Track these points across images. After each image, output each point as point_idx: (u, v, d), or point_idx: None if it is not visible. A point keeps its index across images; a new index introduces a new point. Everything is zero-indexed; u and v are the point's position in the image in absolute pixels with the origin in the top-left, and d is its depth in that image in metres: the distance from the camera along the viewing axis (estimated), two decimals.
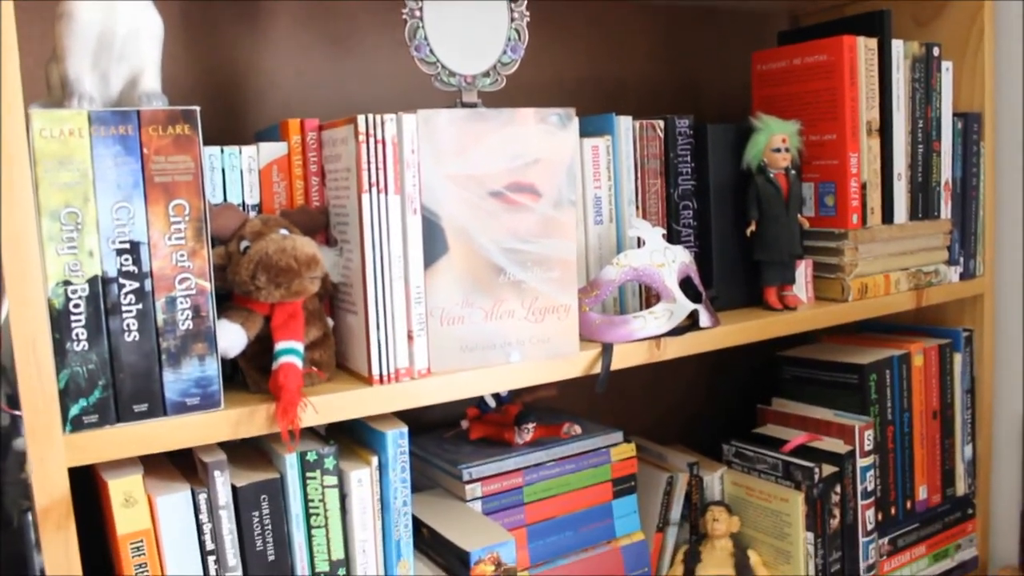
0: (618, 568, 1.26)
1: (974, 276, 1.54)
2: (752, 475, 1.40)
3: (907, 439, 1.49)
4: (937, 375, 1.53)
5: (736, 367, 1.71)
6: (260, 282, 0.90)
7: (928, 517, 1.53)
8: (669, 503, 1.37)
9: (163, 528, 0.88)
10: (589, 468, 1.24)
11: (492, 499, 1.17)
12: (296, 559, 0.94)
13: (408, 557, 0.99)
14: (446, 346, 0.99)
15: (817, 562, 1.35)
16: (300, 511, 0.94)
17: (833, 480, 1.35)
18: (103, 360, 0.84)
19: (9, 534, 1.01)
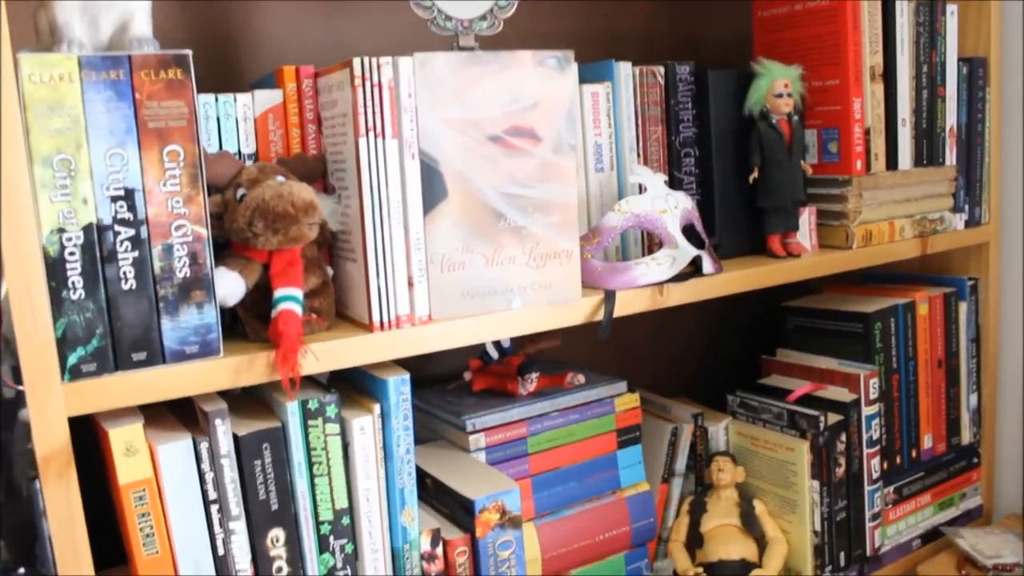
0: (623, 518, 1.26)
1: (979, 224, 1.53)
2: (757, 425, 1.40)
3: (912, 388, 1.48)
4: (942, 324, 1.52)
5: (739, 319, 1.70)
6: (257, 228, 0.89)
7: (933, 466, 1.53)
8: (674, 454, 1.37)
9: (165, 477, 0.88)
10: (593, 418, 1.24)
11: (496, 449, 1.16)
12: (299, 508, 0.94)
13: (412, 506, 0.98)
14: (447, 293, 0.98)
15: (823, 511, 1.34)
16: (302, 460, 0.93)
17: (838, 429, 1.35)
18: (100, 308, 0.83)
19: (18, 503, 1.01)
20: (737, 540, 1.33)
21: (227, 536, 0.91)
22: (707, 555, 1.32)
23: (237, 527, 0.91)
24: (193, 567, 0.90)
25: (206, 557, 0.90)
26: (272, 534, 0.93)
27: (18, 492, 1.01)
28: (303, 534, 0.94)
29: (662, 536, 1.38)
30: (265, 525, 0.92)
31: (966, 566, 1.45)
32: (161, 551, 0.88)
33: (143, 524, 0.87)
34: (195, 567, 0.90)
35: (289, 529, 0.94)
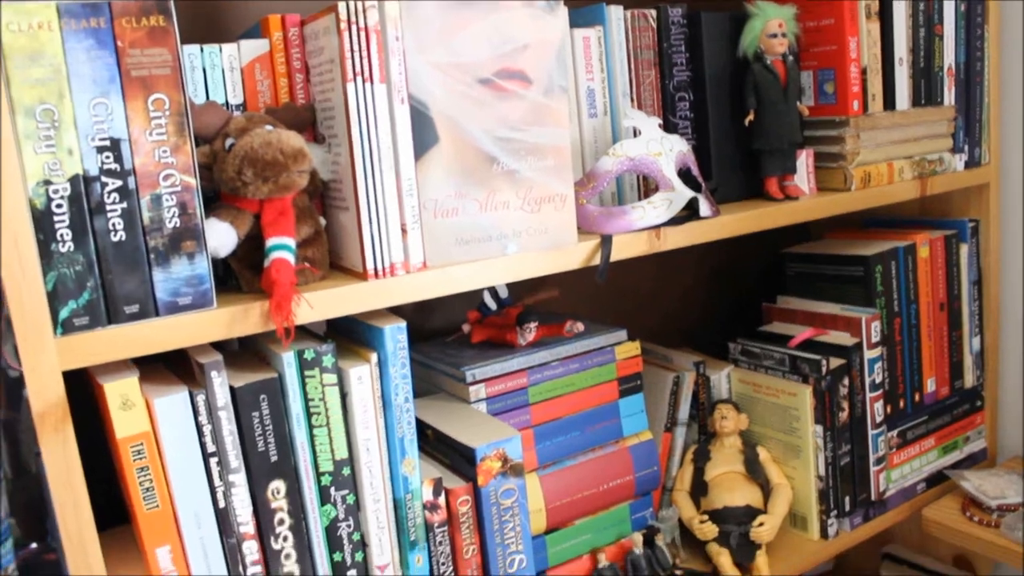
0: (627, 468, 1.26)
1: (979, 165, 1.51)
2: (759, 372, 1.39)
3: (914, 331, 1.47)
4: (943, 266, 1.51)
5: (739, 267, 1.69)
6: (247, 177, 0.88)
7: (937, 409, 1.52)
8: (676, 403, 1.36)
9: (162, 431, 0.87)
10: (594, 367, 1.23)
11: (496, 400, 1.15)
12: (299, 459, 0.93)
13: (413, 455, 0.98)
14: (441, 239, 0.97)
15: (827, 455, 1.34)
16: (300, 411, 0.93)
17: (841, 373, 1.34)
18: (90, 261, 0.82)
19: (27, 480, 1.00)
20: (742, 487, 1.33)
21: (227, 489, 0.90)
22: (712, 502, 1.32)
23: (237, 480, 0.91)
24: (194, 520, 0.89)
25: (207, 510, 0.90)
26: (273, 486, 0.92)
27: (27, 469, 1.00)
28: (304, 486, 0.94)
29: (666, 486, 1.38)
30: (265, 477, 0.92)
31: (971, 508, 1.45)
32: (162, 505, 0.88)
33: (142, 478, 0.87)
34: (196, 520, 0.89)
35: (290, 481, 0.93)
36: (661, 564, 1.27)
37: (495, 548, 1.03)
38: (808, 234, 1.76)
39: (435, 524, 1.01)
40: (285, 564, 0.94)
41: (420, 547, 1.00)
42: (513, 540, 1.04)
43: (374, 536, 0.97)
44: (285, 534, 0.94)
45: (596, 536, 1.25)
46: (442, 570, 1.02)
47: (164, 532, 0.88)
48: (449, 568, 1.02)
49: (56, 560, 0.96)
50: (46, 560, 1.01)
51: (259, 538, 0.93)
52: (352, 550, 0.97)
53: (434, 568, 1.02)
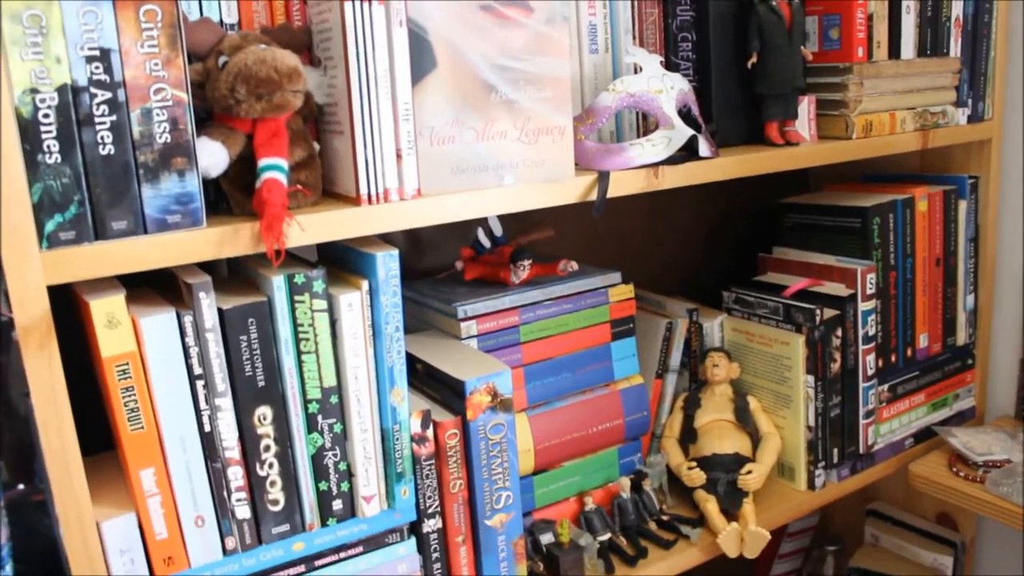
0: (617, 411, 1.25)
1: (982, 119, 1.49)
2: (752, 320, 1.38)
3: (909, 286, 1.47)
4: (941, 222, 1.50)
5: (736, 218, 1.68)
6: (240, 95, 0.86)
7: (928, 366, 1.52)
8: (668, 349, 1.36)
9: (148, 351, 0.85)
10: (587, 308, 1.22)
11: (488, 337, 1.14)
12: (287, 385, 0.92)
13: (402, 385, 0.96)
14: (436, 167, 0.95)
15: (817, 406, 1.33)
16: (289, 336, 0.91)
17: (834, 324, 1.33)
18: (77, 174, 0.80)
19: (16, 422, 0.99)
20: (731, 435, 1.32)
21: (213, 413, 0.89)
22: (701, 450, 1.32)
23: (223, 403, 0.89)
24: (179, 443, 0.88)
25: (192, 433, 0.89)
26: (259, 412, 0.91)
27: (15, 411, 0.99)
28: (291, 412, 0.93)
29: (655, 432, 1.37)
30: (252, 402, 0.91)
31: (957, 463, 1.45)
32: (146, 426, 0.87)
33: (127, 398, 0.85)
34: (181, 443, 0.88)
35: (276, 407, 0.92)
36: (648, 509, 1.27)
37: (482, 483, 1.03)
38: (807, 187, 1.74)
39: (422, 457, 1.00)
40: (270, 491, 0.93)
41: (407, 479, 0.99)
42: (501, 476, 1.04)
43: (361, 466, 0.96)
44: (271, 461, 0.93)
45: (584, 479, 1.25)
46: (428, 503, 1.01)
47: (148, 454, 0.87)
48: (436, 502, 1.02)
49: (43, 500, 0.95)
50: (33, 500, 1.01)
51: (244, 464, 0.92)
52: (338, 480, 0.96)
53: (421, 501, 1.01)
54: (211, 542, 0.92)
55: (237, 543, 0.93)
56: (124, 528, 0.88)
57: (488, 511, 1.04)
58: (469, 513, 1.04)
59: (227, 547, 0.92)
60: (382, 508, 0.99)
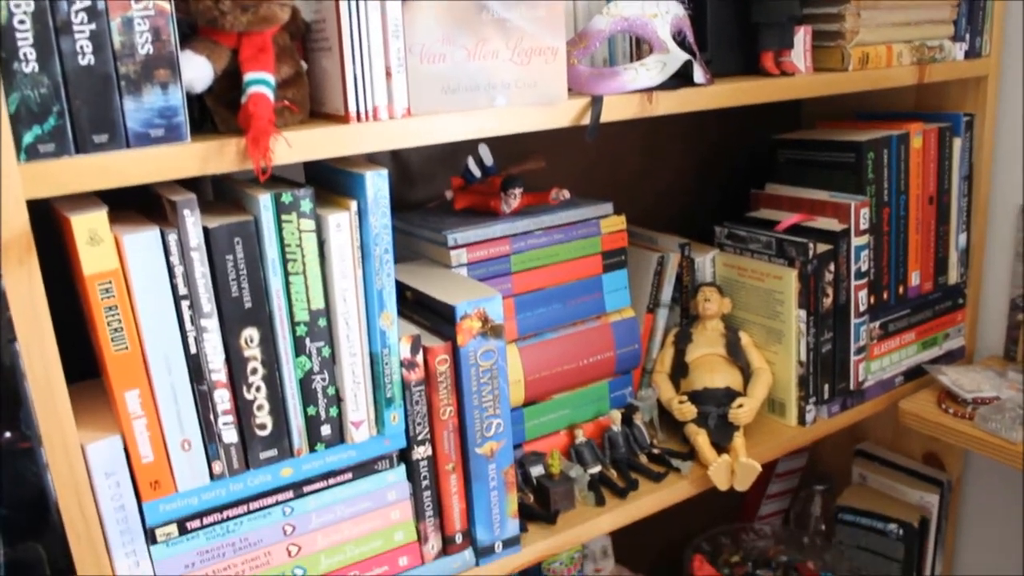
0: (608, 344, 1.24)
1: (979, 55, 1.47)
2: (744, 256, 1.37)
3: (902, 223, 1.45)
4: (935, 159, 1.48)
5: (730, 154, 1.66)
6: (225, 6, 0.83)
7: (919, 304, 1.51)
8: (660, 283, 1.34)
9: (132, 269, 0.84)
10: (578, 239, 1.20)
11: (478, 266, 1.13)
12: (274, 307, 0.90)
13: (391, 309, 0.95)
14: (427, 86, 0.92)
15: (809, 341, 1.33)
16: (276, 256, 0.89)
17: (827, 258, 1.32)
18: (56, 84, 0.77)
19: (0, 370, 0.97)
20: (722, 369, 1.32)
21: (199, 334, 0.88)
22: (692, 384, 1.31)
23: (209, 325, 0.88)
24: (164, 364, 0.87)
25: (177, 355, 0.87)
26: (246, 334, 0.90)
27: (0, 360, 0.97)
28: (278, 335, 0.91)
29: (646, 367, 1.36)
30: (238, 324, 0.89)
31: (946, 401, 1.45)
32: (131, 347, 0.85)
33: (110, 318, 0.84)
34: (166, 365, 0.87)
35: (264, 329, 0.90)
36: (639, 443, 1.27)
37: (472, 411, 1.02)
38: (799, 125, 1.73)
39: (412, 383, 0.98)
40: (257, 415, 0.92)
41: (396, 405, 0.98)
42: (491, 404, 1.03)
43: (349, 391, 0.95)
44: (258, 384, 0.91)
45: (574, 412, 1.24)
46: (418, 430, 1.00)
47: (133, 375, 0.86)
48: (425, 428, 1.01)
49: (30, 448, 0.94)
50: (20, 448, 0.99)
51: (231, 387, 0.90)
52: (326, 404, 0.95)
53: (410, 427, 1.00)
54: (198, 466, 0.90)
55: (224, 467, 0.92)
56: (109, 451, 0.86)
57: (478, 439, 1.03)
58: (459, 441, 1.03)
59: (214, 471, 0.91)
60: (371, 434, 0.98)
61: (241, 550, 0.94)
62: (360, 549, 1.01)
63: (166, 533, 0.90)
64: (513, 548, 1.09)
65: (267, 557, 0.96)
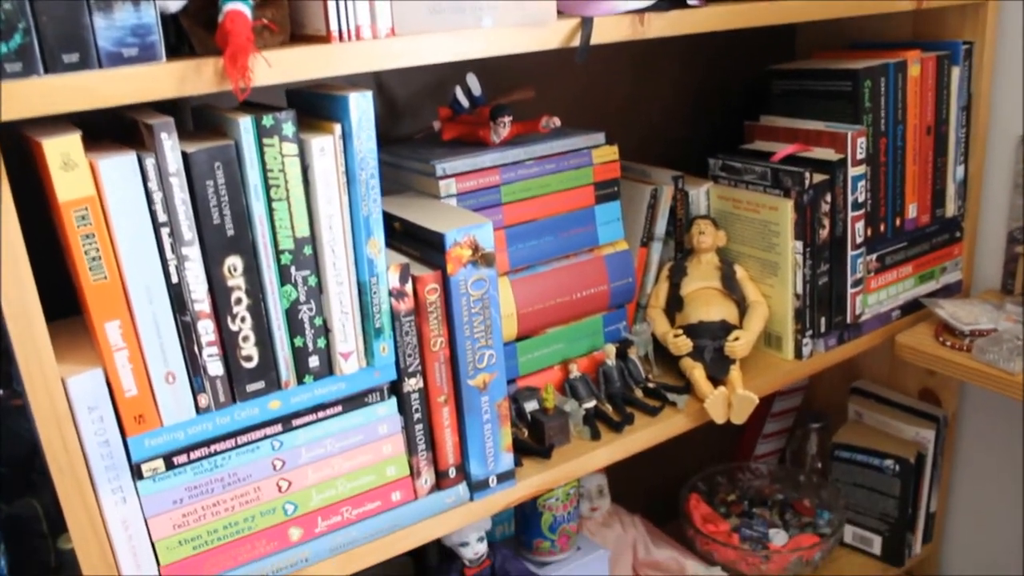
0: (601, 277, 1.22)
1: None
2: (739, 187, 1.35)
3: (900, 154, 1.43)
4: (933, 88, 1.45)
5: (724, 85, 1.63)
6: None
7: (916, 237, 1.49)
8: (653, 217, 1.32)
9: (108, 196, 0.81)
10: (570, 170, 1.17)
11: (468, 197, 1.10)
12: (257, 234, 0.87)
13: (378, 237, 0.92)
14: (411, 5, 0.89)
15: (805, 273, 1.30)
16: (259, 182, 0.86)
17: (824, 188, 1.30)
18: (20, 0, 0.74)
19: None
20: (718, 302, 1.30)
21: (180, 263, 0.85)
22: (687, 317, 1.29)
23: (191, 253, 0.85)
24: (145, 294, 0.84)
25: (159, 284, 0.84)
26: (229, 262, 0.87)
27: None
28: (262, 264, 0.88)
29: (640, 302, 1.34)
30: (221, 252, 0.86)
31: (944, 333, 1.43)
32: (109, 276, 0.82)
33: (88, 246, 0.81)
34: (147, 295, 0.84)
35: (247, 258, 0.88)
36: (634, 377, 1.25)
37: (464, 341, 0.99)
38: (795, 55, 1.69)
39: (401, 313, 0.96)
40: (243, 347, 0.90)
41: (386, 336, 0.96)
42: (483, 334, 1.00)
43: (337, 321, 0.93)
44: (243, 315, 0.89)
45: (568, 347, 1.23)
46: (408, 362, 0.98)
47: (113, 305, 0.83)
48: (416, 360, 0.99)
49: (23, 405, 0.91)
50: (12, 405, 0.97)
51: (215, 318, 0.88)
52: (314, 335, 0.93)
53: (400, 360, 0.98)
54: (183, 400, 0.88)
55: (210, 401, 0.89)
56: (91, 384, 0.84)
57: (471, 370, 1.01)
58: (451, 372, 1.01)
59: (200, 405, 0.89)
60: (360, 366, 0.96)
61: (230, 485, 0.93)
62: (352, 484, 0.99)
63: (152, 468, 0.88)
64: (508, 483, 1.08)
65: (257, 493, 0.94)
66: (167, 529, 0.91)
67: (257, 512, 0.95)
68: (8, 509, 1.02)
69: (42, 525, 1.04)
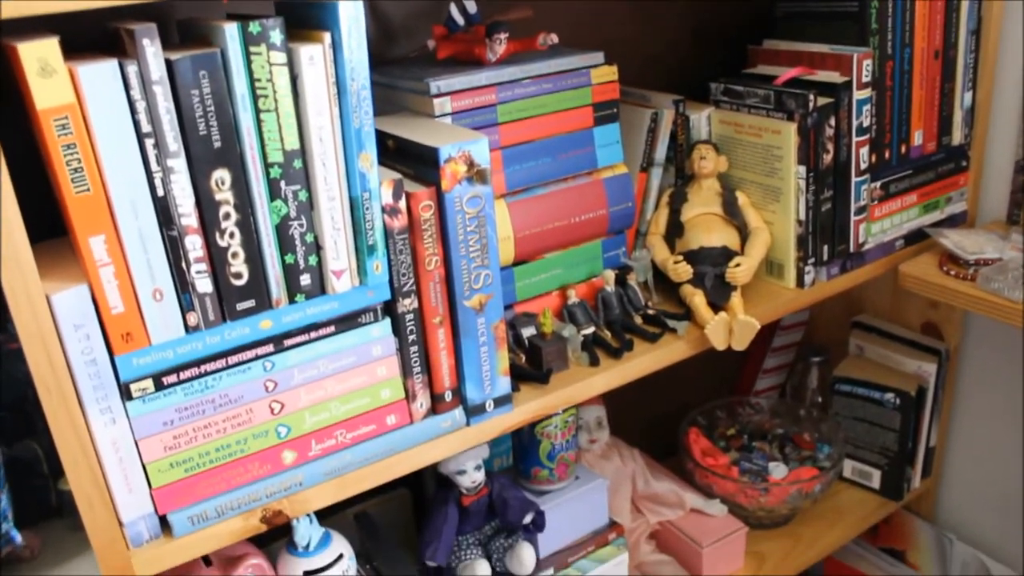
0: (600, 201, 1.19)
1: None
2: (742, 112, 1.31)
3: (906, 78, 1.39)
4: (942, 10, 1.41)
5: (725, 11, 1.58)
6: None
7: (922, 165, 1.46)
8: (653, 142, 1.29)
9: (89, 103, 0.78)
10: (568, 90, 1.14)
11: (463, 116, 1.07)
12: (245, 147, 0.85)
13: (370, 150, 0.89)
14: None
15: (808, 198, 1.28)
16: (246, 92, 0.83)
17: (828, 111, 1.26)
18: None
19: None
20: (719, 228, 1.27)
21: (166, 175, 0.82)
22: (687, 244, 1.27)
23: (176, 165, 0.82)
24: (130, 208, 0.81)
25: (144, 197, 0.82)
26: (216, 175, 0.84)
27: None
28: (251, 177, 0.86)
29: (640, 229, 1.32)
30: (208, 164, 0.83)
31: (948, 263, 1.41)
32: (93, 189, 0.79)
33: (69, 157, 0.78)
34: (132, 208, 0.81)
35: (235, 171, 0.85)
36: (633, 304, 1.23)
37: (459, 260, 0.97)
38: None
39: (395, 230, 0.94)
40: (232, 263, 0.87)
41: (379, 253, 0.93)
42: (479, 254, 0.98)
43: (329, 238, 0.90)
44: (232, 230, 0.86)
45: (566, 272, 1.20)
46: (403, 281, 0.96)
47: (97, 219, 0.80)
48: (410, 279, 0.96)
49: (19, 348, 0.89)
50: (10, 348, 0.95)
51: (203, 233, 0.85)
52: (305, 252, 0.90)
53: (395, 279, 0.95)
54: (171, 318, 0.86)
55: (200, 319, 0.87)
56: (76, 301, 0.82)
57: (467, 291, 0.98)
58: (446, 293, 0.98)
59: (189, 323, 0.87)
60: (353, 284, 0.93)
61: (222, 407, 0.91)
62: (346, 407, 0.97)
63: (141, 388, 0.86)
64: (504, 407, 1.06)
65: (249, 415, 0.92)
66: (158, 451, 0.89)
67: (249, 435, 0.93)
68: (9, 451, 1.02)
69: (43, 467, 1.04)
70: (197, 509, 0.91)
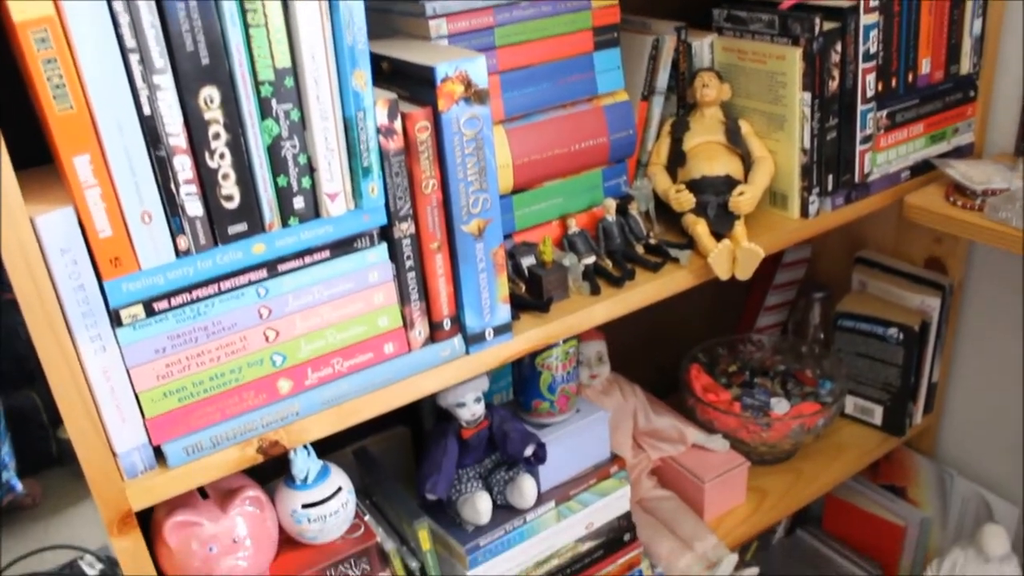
0: (600, 128, 1.16)
1: None
2: (745, 38, 1.28)
3: (915, 3, 1.35)
4: None
5: None
6: None
7: (929, 94, 1.43)
8: (655, 70, 1.26)
9: (69, 16, 0.74)
10: (568, 13, 1.11)
11: (459, 38, 1.04)
12: (235, 64, 0.82)
13: (364, 68, 0.86)
14: None
15: (813, 126, 1.25)
16: (234, 7, 0.80)
17: (834, 36, 1.23)
18: None
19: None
20: (722, 156, 1.24)
21: (152, 93, 0.79)
22: (690, 172, 1.24)
23: (163, 82, 0.79)
24: (115, 127, 0.79)
25: (130, 116, 0.79)
26: (205, 93, 0.81)
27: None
28: (241, 95, 0.83)
29: (641, 159, 1.29)
30: (196, 82, 0.81)
31: (954, 194, 1.38)
32: (76, 106, 0.77)
33: (50, 72, 0.75)
34: (118, 127, 0.79)
35: (224, 89, 0.82)
36: (635, 234, 1.21)
37: (457, 184, 0.95)
38: None
39: (391, 152, 0.91)
40: (223, 185, 0.85)
41: (374, 176, 0.90)
42: (477, 177, 0.95)
43: (322, 159, 0.88)
44: (222, 151, 0.83)
45: (566, 201, 1.18)
46: (399, 205, 0.93)
47: (81, 138, 0.78)
48: (407, 203, 0.94)
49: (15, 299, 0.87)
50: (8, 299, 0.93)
51: (192, 154, 0.83)
52: (298, 174, 0.88)
53: (391, 203, 0.93)
54: (161, 241, 0.84)
55: (191, 243, 0.85)
56: (62, 223, 0.79)
57: (464, 215, 0.96)
58: (444, 217, 0.96)
59: (179, 247, 0.85)
60: (348, 208, 0.91)
61: (214, 334, 0.89)
62: (342, 335, 0.95)
63: (132, 315, 0.84)
64: (504, 335, 1.04)
65: (243, 343, 0.90)
66: (150, 380, 0.87)
67: (244, 363, 0.91)
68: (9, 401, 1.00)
69: (42, 416, 1.03)
70: (192, 439, 0.90)
